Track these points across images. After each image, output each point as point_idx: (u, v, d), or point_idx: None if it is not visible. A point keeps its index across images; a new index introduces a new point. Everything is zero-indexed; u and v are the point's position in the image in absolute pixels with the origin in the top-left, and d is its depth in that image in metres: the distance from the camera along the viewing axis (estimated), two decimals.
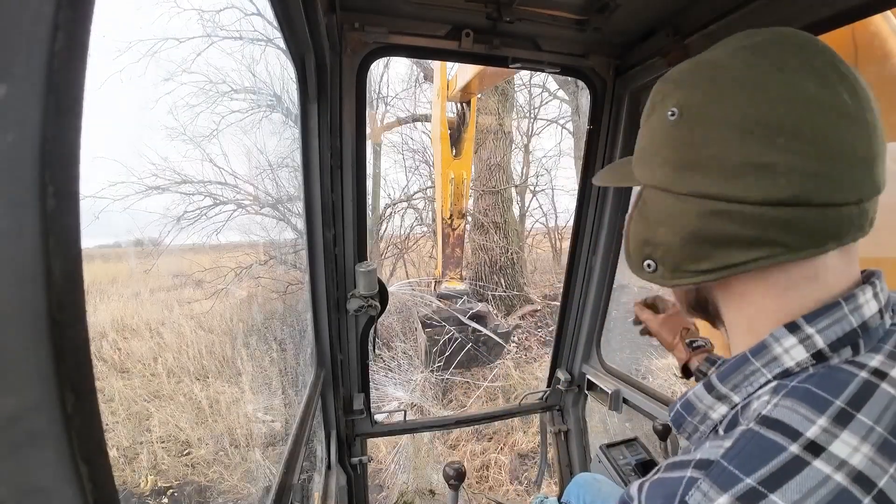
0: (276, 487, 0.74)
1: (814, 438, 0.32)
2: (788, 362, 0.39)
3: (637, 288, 5.00)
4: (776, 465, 0.31)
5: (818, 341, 0.38)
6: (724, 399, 0.43)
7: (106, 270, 6.02)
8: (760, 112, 0.37)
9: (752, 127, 0.37)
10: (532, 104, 7.81)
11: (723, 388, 0.43)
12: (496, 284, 6.30)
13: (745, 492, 0.31)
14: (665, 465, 0.38)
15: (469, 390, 4.46)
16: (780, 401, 0.35)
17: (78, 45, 0.17)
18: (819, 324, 0.38)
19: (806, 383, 0.36)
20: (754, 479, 0.31)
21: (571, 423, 1.64)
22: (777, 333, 0.40)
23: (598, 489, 1.10)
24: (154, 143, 6.13)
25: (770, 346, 0.40)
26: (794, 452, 0.32)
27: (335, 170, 1.07)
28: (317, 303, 1.12)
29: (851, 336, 0.38)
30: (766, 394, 0.38)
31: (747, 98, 0.38)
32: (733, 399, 0.42)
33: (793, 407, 0.34)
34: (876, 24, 1.05)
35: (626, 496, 0.41)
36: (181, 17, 5.35)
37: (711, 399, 0.44)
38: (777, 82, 0.37)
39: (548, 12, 1.02)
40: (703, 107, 0.40)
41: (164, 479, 3.29)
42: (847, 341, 0.38)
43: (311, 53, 0.88)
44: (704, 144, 0.40)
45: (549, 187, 8.09)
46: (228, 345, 4.78)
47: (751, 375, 0.41)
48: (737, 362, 0.42)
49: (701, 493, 0.32)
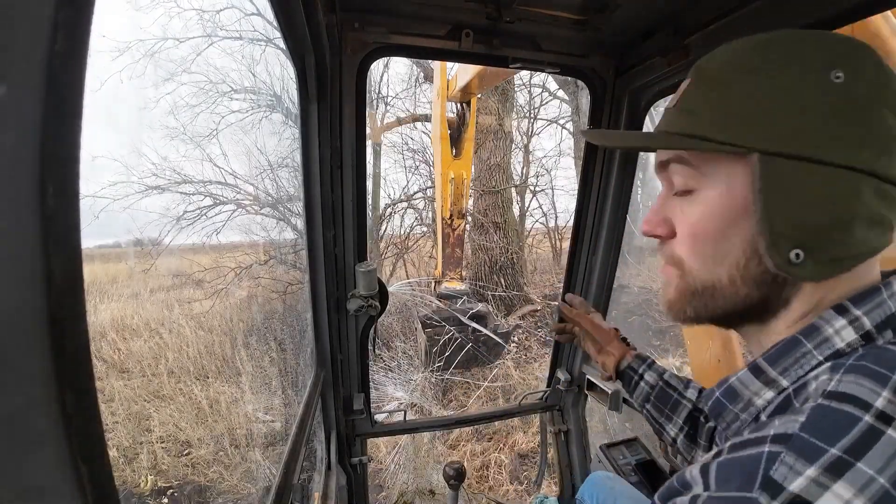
0: (276, 487, 0.74)
1: (882, 409, 0.33)
2: (839, 343, 0.39)
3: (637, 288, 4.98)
4: (856, 435, 0.32)
5: (866, 323, 0.39)
6: (771, 384, 0.43)
7: (106, 270, 6.02)
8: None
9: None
10: (532, 104, 7.82)
11: (772, 372, 0.43)
12: (496, 284, 6.30)
13: (833, 461, 0.31)
14: (727, 448, 0.38)
15: (469, 390, 4.46)
16: (842, 377, 0.36)
17: (78, 45, 0.17)
18: (864, 306, 0.40)
19: (862, 360, 0.36)
20: (839, 449, 0.31)
21: (571, 423, 1.64)
22: (826, 316, 0.40)
23: (610, 487, 1.10)
24: (154, 143, 6.15)
25: (821, 328, 0.40)
26: (869, 422, 0.32)
27: (335, 170, 1.07)
28: (317, 303, 1.13)
29: (892, 320, 0.39)
30: (824, 373, 0.38)
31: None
32: (782, 383, 0.42)
33: (857, 381, 0.35)
34: (876, 24, 1.05)
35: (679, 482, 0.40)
36: (181, 17, 5.34)
37: (759, 384, 0.44)
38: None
39: (548, 12, 1.02)
40: (874, 81, 0.39)
41: (163, 479, 3.28)
42: (889, 324, 0.39)
43: (311, 54, 0.88)
44: (876, 119, 0.38)
45: (549, 187, 8.10)
46: (228, 345, 4.78)
47: (801, 358, 0.41)
48: (787, 345, 0.42)
49: (786, 466, 0.32)
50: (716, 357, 1.66)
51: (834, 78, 0.39)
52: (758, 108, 0.41)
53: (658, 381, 0.87)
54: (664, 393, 0.86)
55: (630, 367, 0.92)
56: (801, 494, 0.31)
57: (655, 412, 0.87)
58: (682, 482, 0.39)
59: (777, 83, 0.40)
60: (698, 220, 0.46)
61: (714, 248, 0.45)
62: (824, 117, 0.39)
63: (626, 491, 1.09)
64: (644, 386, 0.89)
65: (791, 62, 0.40)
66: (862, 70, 0.39)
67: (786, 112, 0.40)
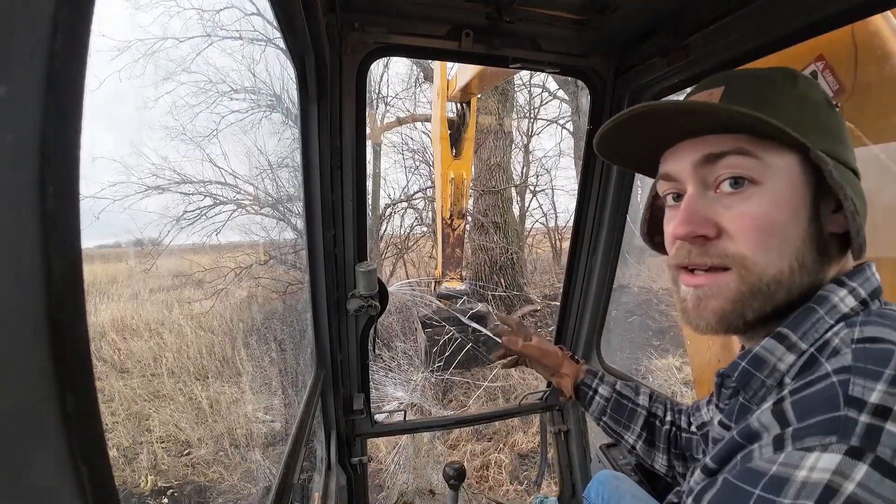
0: (276, 487, 0.74)
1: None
2: (844, 308, 0.47)
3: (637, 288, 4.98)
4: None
5: (862, 292, 0.48)
6: (793, 348, 0.48)
7: (106, 270, 6.02)
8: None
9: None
10: (532, 104, 7.82)
11: (794, 337, 0.48)
12: (496, 284, 6.30)
13: (893, 377, 0.37)
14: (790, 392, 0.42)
15: (469, 390, 4.46)
16: (861, 328, 0.42)
17: (78, 45, 0.17)
18: (857, 280, 0.48)
19: (871, 317, 0.44)
20: (892, 369, 0.37)
21: (571, 423, 1.64)
22: (829, 287, 0.48)
23: (616, 486, 1.11)
24: (154, 143, 6.14)
25: (829, 297, 0.47)
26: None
27: (335, 170, 1.07)
28: (317, 303, 1.12)
29: (878, 292, 0.49)
30: (842, 329, 0.44)
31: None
32: (801, 346, 0.47)
33: (877, 328, 0.42)
34: (876, 24, 1.05)
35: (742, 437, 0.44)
36: (181, 16, 5.35)
37: (782, 349, 0.48)
38: None
39: (548, 12, 1.02)
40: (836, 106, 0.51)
41: (163, 479, 3.28)
42: (877, 295, 0.48)
43: (311, 54, 0.88)
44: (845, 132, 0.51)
45: (549, 187, 8.10)
46: (228, 345, 4.78)
47: (817, 322, 0.47)
48: (803, 313, 0.48)
49: (860, 386, 0.37)
50: (716, 357, 1.65)
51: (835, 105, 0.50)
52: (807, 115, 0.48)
53: (612, 393, 0.91)
54: (619, 404, 0.89)
55: (583, 384, 0.94)
56: (881, 403, 0.36)
57: (612, 423, 0.90)
58: (747, 434, 0.43)
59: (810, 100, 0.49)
60: (765, 212, 0.47)
61: (780, 240, 0.47)
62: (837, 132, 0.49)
63: (632, 490, 1.09)
64: (599, 400, 0.92)
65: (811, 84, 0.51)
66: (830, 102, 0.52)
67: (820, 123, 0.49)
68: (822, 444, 0.36)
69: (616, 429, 0.90)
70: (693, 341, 1.61)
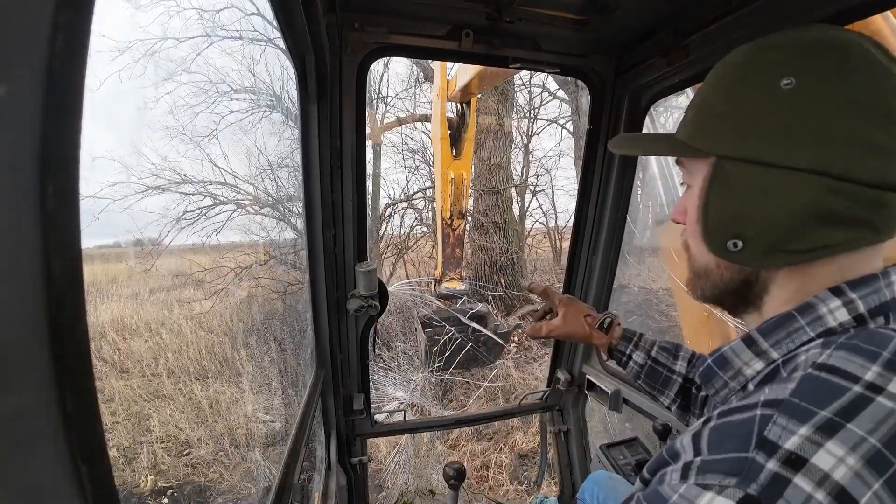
0: (276, 487, 0.74)
1: (872, 381, 0.34)
2: (831, 322, 0.41)
3: (637, 288, 5.00)
4: (846, 401, 0.33)
5: (860, 306, 0.41)
6: (762, 355, 0.45)
7: (106, 270, 6.02)
8: (883, 100, 0.39)
9: (874, 112, 0.39)
10: (532, 104, 7.82)
11: (764, 343, 0.45)
12: (496, 284, 6.30)
13: (824, 422, 0.33)
14: (717, 414, 0.39)
15: (469, 390, 4.46)
16: (833, 352, 0.37)
17: (78, 45, 0.17)
18: (860, 291, 0.41)
19: (854, 339, 0.38)
20: (829, 412, 0.33)
21: (571, 423, 1.64)
22: (822, 295, 0.42)
23: (612, 486, 1.11)
24: (154, 144, 6.14)
25: (816, 306, 0.42)
26: (858, 391, 0.34)
27: (335, 170, 1.07)
28: (317, 303, 1.12)
29: (885, 307, 0.41)
30: (815, 348, 0.40)
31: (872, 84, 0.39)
32: (772, 355, 0.44)
33: (847, 357, 0.36)
34: (876, 24, 1.05)
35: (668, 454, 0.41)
36: (181, 16, 5.34)
37: (750, 354, 0.46)
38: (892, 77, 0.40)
39: (548, 12, 1.02)
40: (827, 82, 0.40)
41: (163, 479, 3.28)
42: (882, 311, 0.41)
43: (311, 53, 0.88)
44: (828, 120, 0.40)
45: (549, 187, 8.09)
46: (228, 345, 4.78)
47: (794, 332, 0.43)
48: (781, 319, 0.44)
49: (780, 427, 0.34)
50: None
51: (783, 85, 0.41)
52: (718, 117, 0.46)
53: (647, 360, 0.89)
54: (653, 370, 0.88)
55: (617, 350, 0.93)
56: (796, 451, 0.32)
57: (647, 387, 0.90)
58: (672, 452, 0.41)
59: (733, 94, 0.45)
60: (690, 212, 0.51)
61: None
62: (770, 123, 0.42)
63: (627, 490, 1.09)
64: (633, 366, 0.91)
65: (747, 73, 0.44)
66: (815, 74, 0.41)
67: (736, 120, 0.44)
68: (721, 484, 0.33)
69: (651, 392, 0.90)
70: (693, 341, 1.61)
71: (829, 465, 0.31)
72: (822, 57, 0.41)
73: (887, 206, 0.40)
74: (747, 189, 0.43)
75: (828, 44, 0.41)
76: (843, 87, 0.40)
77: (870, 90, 0.39)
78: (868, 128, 0.39)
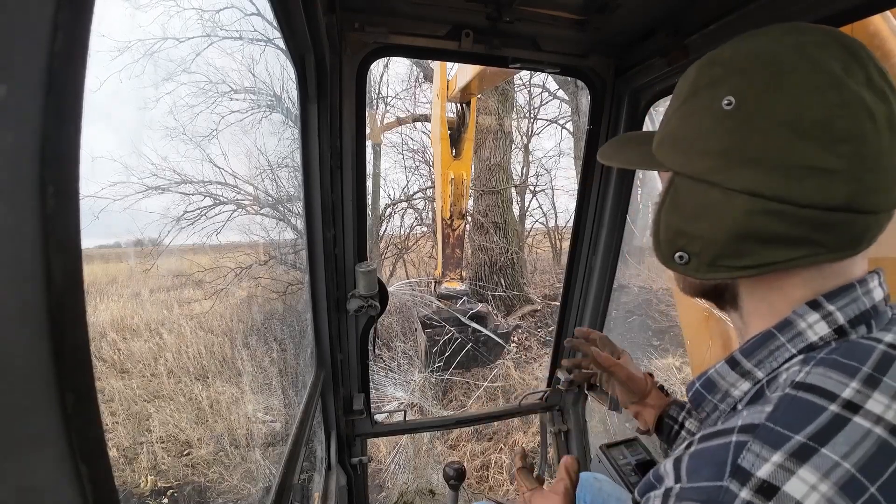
0: (276, 487, 0.74)
1: (850, 398, 0.34)
2: (812, 337, 0.41)
3: (637, 288, 4.98)
4: (821, 423, 0.33)
5: (839, 317, 0.40)
6: (747, 375, 0.44)
7: (106, 270, 6.02)
8: (824, 117, 0.37)
9: (814, 130, 0.37)
10: (532, 104, 7.82)
11: (747, 364, 0.44)
12: (496, 284, 6.30)
13: (798, 448, 0.32)
14: (698, 438, 0.39)
15: (469, 390, 4.46)
16: (811, 369, 0.37)
17: (78, 45, 0.17)
18: (838, 302, 0.41)
19: (833, 354, 0.38)
20: (804, 436, 0.33)
21: (571, 423, 1.64)
22: (800, 311, 0.42)
23: (598, 488, 1.10)
24: (154, 144, 6.15)
25: (794, 322, 0.42)
26: (835, 411, 0.33)
27: (335, 170, 1.07)
28: (317, 303, 1.12)
29: (866, 315, 0.41)
30: (795, 365, 0.39)
31: (812, 100, 0.38)
32: (757, 375, 0.44)
33: (825, 373, 0.36)
34: (876, 24, 1.05)
35: (654, 477, 0.41)
36: (181, 16, 5.34)
37: (735, 376, 0.45)
38: (842, 90, 0.37)
39: (548, 12, 1.02)
40: (763, 101, 0.39)
41: (163, 479, 3.28)
42: (862, 320, 0.41)
43: (311, 54, 0.88)
44: (763, 141, 0.39)
45: (549, 187, 8.09)
46: (228, 345, 4.78)
47: (776, 350, 0.43)
48: (762, 338, 0.44)
49: (753, 454, 0.33)
50: (715, 357, 1.65)
51: (724, 105, 0.41)
52: (674, 132, 0.47)
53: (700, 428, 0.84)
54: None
55: (669, 416, 0.85)
56: (768, 480, 0.32)
57: None
58: (657, 476, 0.40)
59: (685, 109, 0.45)
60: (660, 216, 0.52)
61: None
62: (711, 143, 0.42)
63: (614, 492, 1.09)
64: (686, 435, 0.83)
65: (697, 89, 0.44)
66: (753, 93, 0.40)
67: (687, 137, 0.45)
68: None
69: None
70: (693, 341, 1.61)
71: (801, 493, 0.31)
72: (758, 73, 0.40)
73: (837, 226, 0.38)
74: (692, 206, 0.44)
75: (766, 59, 0.40)
76: (779, 106, 0.38)
77: (809, 108, 0.37)
78: (806, 148, 0.37)
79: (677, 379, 3.79)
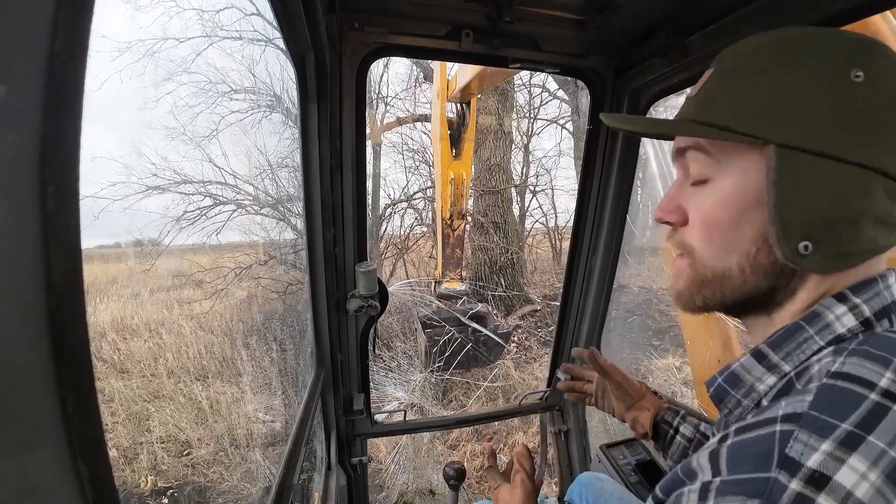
0: (276, 487, 0.74)
1: (887, 387, 0.34)
2: (840, 329, 0.40)
3: (637, 288, 4.98)
4: (864, 411, 0.33)
5: (865, 310, 0.40)
6: (774, 369, 0.43)
7: (106, 270, 6.03)
8: None
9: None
10: (532, 104, 7.83)
11: (774, 357, 0.43)
12: (496, 285, 6.30)
13: (846, 436, 0.32)
14: (735, 430, 0.38)
15: (469, 390, 4.46)
16: (846, 359, 0.37)
17: (78, 45, 0.17)
18: (863, 295, 0.41)
19: (864, 345, 0.38)
20: (850, 424, 0.32)
21: (571, 423, 1.64)
22: (827, 303, 0.42)
23: (600, 488, 1.10)
24: (154, 144, 6.15)
25: (823, 315, 0.41)
26: (875, 399, 0.33)
27: (335, 170, 1.07)
28: (317, 303, 1.12)
29: (888, 309, 0.41)
30: (827, 356, 0.39)
31: None
32: (784, 368, 0.43)
33: (860, 363, 0.36)
34: (876, 24, 1.05)
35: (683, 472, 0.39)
36: (181, 16, 5.35)
37: (761, 369, 0.44)
38: None
39: (548, 12, 1.02)
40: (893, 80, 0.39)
41: (163, 479, 3.28)
42: (885, 314, 0.41)
43: (311, 53, 0.88)
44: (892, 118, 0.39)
45: (549, 187, 8.09)
46: (228, 345, 4.78)
47: (804, 343, 0.42)
48: (789, 331, 0.43)
49: (801, 443, 0.33)
50: (716, 357, 1.66)
51: (854, 77, 0.39)
52: (777, 101, 0.41)
53: (695, 433, 0.82)
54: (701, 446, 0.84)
55: (664, 420, 0.86)
56: (819, 469, 0.31)
57: None
58: (687, 471, 0.39)
59: (796, 78, 0.41)
60: (711, 208, 0.46)
61: (725, 236, 0.45)
62: (841, 115, 0.39)
63: (616, 492, 1.08)
64: (680, 440, 0.83)
65: (809, 59, 0.41)
66: (883, 71, 0.39)
67: (803, 107, 0.40)
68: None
69: None
70: (693, 341, 1.61)
71: (852, 483, 0.30)
72: (885, 57, 0.40)
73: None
74: (822, 186, 0.39)
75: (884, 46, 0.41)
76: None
77: None
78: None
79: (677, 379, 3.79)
